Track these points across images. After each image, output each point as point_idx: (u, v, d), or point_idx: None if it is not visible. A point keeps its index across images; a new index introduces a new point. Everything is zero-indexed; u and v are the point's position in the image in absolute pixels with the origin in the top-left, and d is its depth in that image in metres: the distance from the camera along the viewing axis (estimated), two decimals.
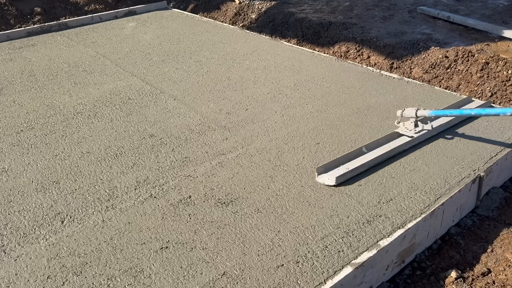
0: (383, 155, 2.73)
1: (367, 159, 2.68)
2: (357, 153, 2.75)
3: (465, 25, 5.20)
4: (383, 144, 2.84)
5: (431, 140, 2.95)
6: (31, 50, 5.01)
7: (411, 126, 2.90)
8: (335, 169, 2.62)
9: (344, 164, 2.65)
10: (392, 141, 2.87)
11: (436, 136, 2.99)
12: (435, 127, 2.96)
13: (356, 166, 2.61)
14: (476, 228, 2.57)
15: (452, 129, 3.08)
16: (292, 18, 6.09)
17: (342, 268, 1.99)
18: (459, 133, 3.01)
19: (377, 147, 2.82)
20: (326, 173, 2.60)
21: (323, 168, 2.62)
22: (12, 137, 3.18)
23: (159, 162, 2.82)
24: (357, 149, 2.76)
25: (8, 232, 2.28)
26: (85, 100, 3.70)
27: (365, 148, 2.78)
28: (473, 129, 3.06)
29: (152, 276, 1.98)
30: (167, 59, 4.54)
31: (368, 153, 2.76)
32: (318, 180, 2.58)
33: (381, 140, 2.87)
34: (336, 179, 2.53)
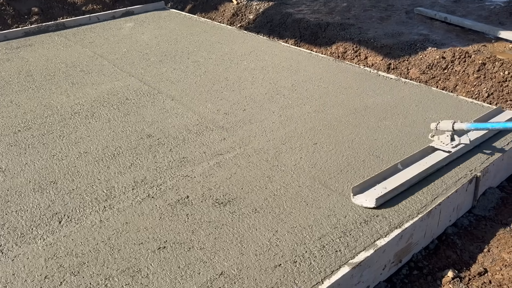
0: (421, 173, 2.55)
1: (406, 177, 2.50)
2: (392, 171, 2.58)
3: (462, 26, 5.22)
4: (419, 160, 2.67)
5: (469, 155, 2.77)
6: (29, 50, 5.00)
7: (447, 140, 2.72)
8: (372, 189, 2.44)
9: (380, 183, 2.48)
10: (427, 156, 2.70)
11: (473, 150, 2.81)
12: (472, 140, 2.76)
13: (395, 186, 2.43)
14: (473, 228, 2.58)
15: (488, 142, 2.89)
16: (289, 19, 6.10)
17: (339, 268, 2.00)
18: (497, 147, 2.84)
19: (412, 163, 2.65)
20: (362, 193, 2.43)
21: (359, 188, 2.44)
22: (10, 137, 3.17)
23: (157, 162, 2.82)
24: (392, 166, 2.59)
25: (5, 232, 2.27)
26: (82, 100, 3.70)
27: (401, 165, 2.62)
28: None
29: (149, 276, 1.98)
30: (165, 59, 4.54)
31: (404, 170, 2.59)
32: (355, 202, 2.39)
33: (416, 155, 2.70)
34: (376, 200, 2.34)
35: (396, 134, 3.04)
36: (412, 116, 3.26)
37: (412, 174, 2.54)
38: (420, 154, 2.72)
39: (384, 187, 2.45)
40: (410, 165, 2.64)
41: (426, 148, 2.76)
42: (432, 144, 2.78)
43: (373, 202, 2.34)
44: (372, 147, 2.90)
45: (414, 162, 2.67)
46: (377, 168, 2.68)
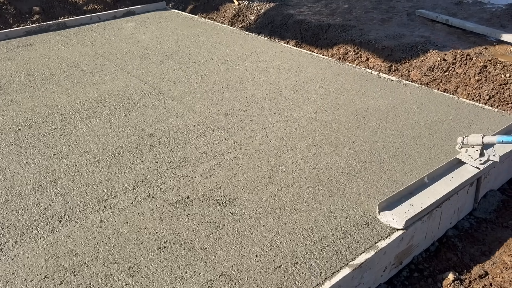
0: (450, 193, 2.43)
1: (436, 196, 2.38)
2: (419, 185, 2.47)
3: (463, 29, 5.23)
4: (446, 174, 2.55)
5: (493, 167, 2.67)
6: (30, 49, 5.00)
7: (476, 154, 2.60)
8: (400, 207, 2.31)
9: (407, 201, 2.36)
10: (455, 171, 2.58)
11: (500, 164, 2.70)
12: (502, 155, 2.67)
13: (426, 207, 2.31)
14: (474, 230, 2.58)
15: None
16: (291, 20, 6.10)
17: (340, 269, 1.99)
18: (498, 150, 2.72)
19: (439, 176, 2.54)
20: (389, 211, 2.30)
21: (385, 203, 2.31)
22: (10, 136, 3.17)
23: (158, 162, 2.82)
24: (419, 180, 2.47)
25: (5, 231, 2.27)
26: (83, 100, 3.70)
27: (427, 179, 2.51)
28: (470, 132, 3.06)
29: (150, 276, 1.97)
30: (166, 59, 4.54)
31: (432, 186, 2.47)
32: (381, 219, 2.26)
33: (443, 168, 2.58)
34: (405, 223, 2.21)
35: (397, 136, 3.04)
36: (413, 118, 3.26)
37: (442, 192, 2.41)
38: (446, 167, 2.60)
39: (411, 204, 2.32)
40: (437, 179, 2.53)
41: (453, 160, 2.65)
42: (459, 157, 2.66)
43: (402, 224, 2.21)
44: (373, 149, 2.89)
45: (441, 175, 2.55)
46: (378, 170, 2.68)
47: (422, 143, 2.95)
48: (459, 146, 2.70)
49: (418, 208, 2.30)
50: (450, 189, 2.44)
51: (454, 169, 2.61)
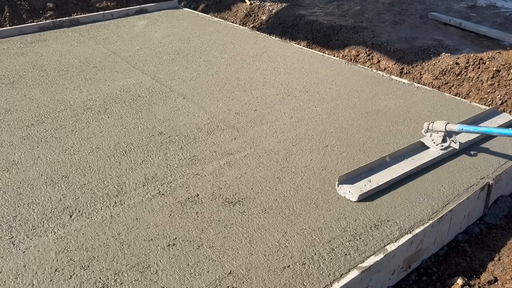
0: (407, 172, 2.59)
1: (392, 175, 2.54)
2: (380, 163, 2.62)
3: (476, 32, 5.18)
4: (407, 155, 2.71)
5: (455, 156, 2.81)
6: (43, 45, 5.05)
7: (439, 140, 2.78)
8: (357, 181, 2.50)
9: (367, 177, 2.53)
10: (417, 154, 2.73)
11: (460, 152, 2.84)
12: (463, 142, 2.83)
13: (381, 184, 2.48)
14: (484, 236, 2.56)
15: (476, 144, 2.94)
16: (302, 21, 6.09)
17: (348, 271, 1.99)
18: (488, 150, 2.87)
19: (401, 157, 2.68)
20: (348, 184, 2.48)
21: (345, 177, 2.50)
22: (23, 131, 3.20)
23: (168, 159, 2.83)
24: (380, 158, 2.64)
25: (17, 224, 2.30)
26: (95, 96, 3.73)
27: (389, 158, 2.66)
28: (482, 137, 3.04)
29: (159, 273, 1.99)
30: (177, 57, 4.56)
31: (392, 166, 2.62)
32: (338, 191, 2.48)
33: (405, 150, 2.73)
34: (359, 197, 2.41)
35: (408, 139, 3.02)
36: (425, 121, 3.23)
37: (399, 171, 2.58)
38: (409, 148, 2.76)
39: (368, 180, 2.50)
40: (398, 159, 2.67)
41: (416, 143, 2.80)
42: (423, 140, 2.82)
43: (356, 197, 2.42)
44: (384, 151, 2.88)
45: (403, 156, 2.70)
46: None
47: None
48: (425, 130, 2.85)
49: (374, 184, 2.48)
50: (408, 169, 2.58)
51: (417, 152, 2.76)
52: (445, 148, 2.76)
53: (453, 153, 2.82)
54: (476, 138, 2.94)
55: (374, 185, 2.47)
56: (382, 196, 2.47)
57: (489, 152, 2.88)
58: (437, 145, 2.77)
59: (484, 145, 2.95)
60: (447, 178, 2.62)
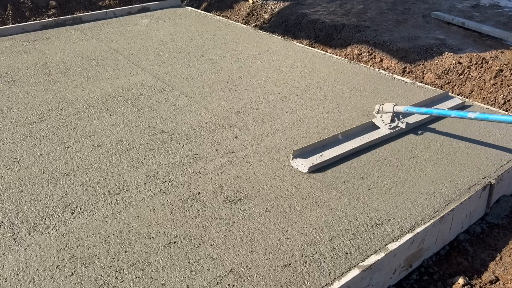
0: (356, 148, 2.83)
1: (342, 149, 2.79)
2: (332, 140, 2.86)
3: (479, 32, 5.17)
4: (359, 134, 2.94)
5: (404, 135, 3.04)
6: (45, 43, 5.05)
7: (388, 120, 3.01)
8: (310, 156, 2.73)
9: (320, 152, 2.76)
10: (367, 133, 2.96)
11: (408, 131, 3.08)
12: (411, 123, 3.07)
13: (330, 157, 2.73)
14: (485, 235, 2.56)
15: (425, 125, 3.16)
16: (305, 19, 6.09)
17: (349, 270, 1.99)
18: (435, 130, 3.10)
19: (353, 135, 2.91)
20: (301, 158, 2.70)
21: (299, 152, 2.73)
22: (25, 128, 3.21)
23: (169, 157, 2.83)
24: (333, 136, 2.87)
25: (18, 221, 2.30)
26: (97, 94, 3.73)
27: (341, 135, 2.88)
28: (484, 136, 3.04)
29: (160, 270, 1.99)
30: (180, 56, 4.56)
31: (344, 143, 2.85)
32: (292, 164, 2.70)
33: (357, 129, 2.96)
34: (309, 168, 2.65)
35: (408, 138, 3.01)
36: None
37: (349, 147, 2.82)
38: (361, 128, 2.99)
39: (320, 155, 2.73)
40: (350, 137, 2.90)
41: (368, 123, 3.03)
42: (374, 120, 3.05)
43: (306, 169, 2.65)
44: (385, 150, 2.88)
45: (354, 135, 2.92)
46: (388, 172, 2.67)
47: (432, 144, 2.93)
48: (376, 111, 3.09)
49: (325, 158, 2.71)
50: (357, 145, 2.84)
51: (368, 131, 2.99)
52: (393, 127, 2.99)
53: (401, 132, 3.05)
54: (424, 119, 3.14)
55: (324, 159, 2.70)
56: (384, 195, 2.47)
57: (491, 151, 2.87)
58: (386, 125, 3.00)
59: (485, 145, 2.94)
60: (449, 177, 2.62)
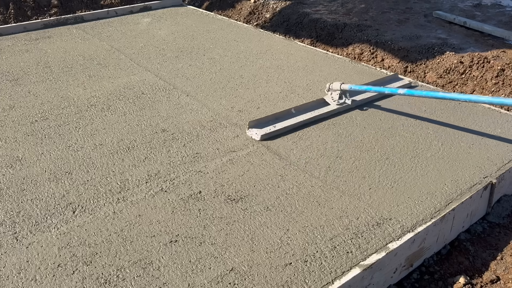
0: (305, 120, 3.16)
1: (293, 121, 3.11)
2: (286, 114, 3.18)
3: (481, 31, 5.16)
4: (311, 109, 3.26)
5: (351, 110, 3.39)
6: (47, 42, 5.06)
7: (336, 97, 3.36)
8: (264, 127, 3.05)
9: (273, 124, 3.08)
10: (318, 108, 3.29)
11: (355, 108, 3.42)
12: (358, 100, 3.43)
13: (281, 127, 3.05)
14: (486, 235, 2.56)
15: (370, 103, 3.49)
16: (306, 19, 6.08)
17: (350, 269, 1.99)
18: (381, 107, 3.44)
19: (305, 110, 3.24)
20: (256, 128, 3.04)
21: (254, 123, 3.06)
22: (27, 127, 3.22)
23: (171, 156, 2.84)
24: (286, 110, 3.19)
25: (20, 220, 2.31)
26: (99, 93, 3.74)
27: (294, 110, 3.20)
28: (486, 136, 3.04)
29: (161, 269, 1.99)
30: (181, 55, 4.56)
31: (296, 116, 3.17)
32: (247, 133, 3.04)
33: (310, 104, 3.30)
34: (261, 136, 2.98)
35: (409, 137, 3.02)
36: (425, 119, 3.23)
37: (300, 119, 3.14)
38: (312, 104, 3.33)
39: (274, 126, 3.06)
40: (302, 112, 3.22)
41: (319, 99, 3.38)
42: (325, 98, 3.41)
43: (259, 137, 2.98)
44: (384, 149, 2.88)
45: (306, 109, 3.25)
46: (389, 171, 2.67)
47: (433, 143, 2.92)
48: (327, 89, 3.42)
49: (277, 128, 3.04)
50: (307, 118, 3.16)
51: (319, 106, 3.32)
52: (341, 104, 3.35)
53: (348, 107, 3.39)
54: (370, 98, 3.49)
55: (277, 129, 3.03)
56: (385, 194, 2.47)
57: (492, 151, 2.87)
58: (335, 101, 3.36)
59: (486, 144, 2.94)
60: (450, 177, 2.62)
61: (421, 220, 2.28)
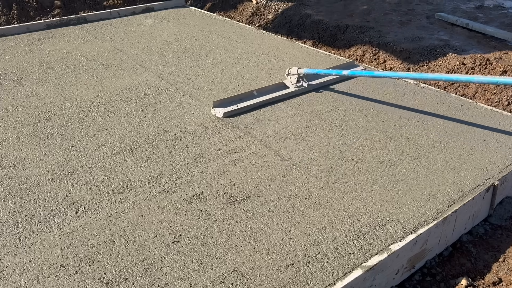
0: (266, 101, 3.49)
1: (254, 101, 3.44)
2: (248, 95, 3.51)
3: (483, 33, 5.16)
4: (271, 91, 3.60)
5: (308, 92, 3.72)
6: (50, 42, 5.08)
7: (294, 81, 3.70)
8: (228, 106, 3.35)
9: (236, 104, 3.38)
10: (278, 91, 3.62)
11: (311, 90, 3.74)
12: (314, 84, 3.76)
13: (243, 106, 3.37)
14: (488, 237, 2.55)
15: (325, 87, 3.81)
16: (308, 20, 6.09)
17: (352, 270, 1.99)
18: (334, 89, 3.78)
19: (266, 92, 3.58)
20: (220, 107, 3.34)
21: (218, 103, 3.38)
22: (29, 127, 3.23)
23: (173, 157, 2.84)
24: (249, 91, 3.54)
25: (23, 220, 2.32)
26: (101, 94, 3.75)
27: (256, 92, 3.53)
28: (488, 138, 3.04)
29: (163, 269, 2.00)
30: (183, 56, 4.57)
31: (257, 98, 3.49)
32: (212, 112, 3.35)
33: (270, 87, 3.63)
34: (224, 114, 3.29)
35: (411, 138, 3.02)
36: (427, 120, 3.24)
37: (260, 100, 3.47)
38: (273, 86, 3.67)
39: (236, 105, 3.37)
40: (263, 94, 3.56)
41: (279, 83, 3.73)
42: (284, 81, 3.74)
43: (221, 114, 3.29)
44: (386, 150, 2.88)
45: (267, 92, 3.60)
46: (391, 172, 2.67)
47: (435, 145, 2.92)
48: (286, 74, 3.74)
49: (239, 107, 3.36)
50: (267, 98, 3.51)
51: (279, 89, 3.66)
52: (298, 86, 3.68)
53: (305, 90, 3.71)
54: (326, 82, 3.81)
55: (239, 107, 3.35)
56: (387, 196, 2.47)
57: (494, 153, 2.87)
58: (293, 85, 3.69)
59: (488, 146, 2.94)
60: (452, 178, 2.62)
61: (423, 221, 2.28)
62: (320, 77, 3.82)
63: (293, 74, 3.68)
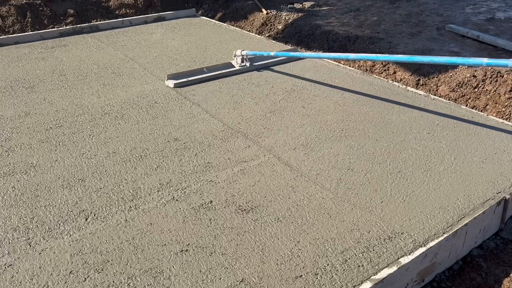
0: (213, 75, 4.20)
1: (203, 76, 4.16)
2: (199, 71, 4.24)
3: (494, 45, 5.14)
4: (219, 69, 4.30)
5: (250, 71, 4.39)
6: (63, 50, 5.15)
7: (240, 61, 4.39)
8: (181, 78, 4.06)
9: (188, 77, 4.11)
10: (225, 69, 4.32)
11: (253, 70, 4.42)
12: (256, 64, 4.45)
13: (192, 79, 4.08)
14: (499, 251, 2.52)
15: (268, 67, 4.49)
16: (318, 30, 6.11)
17: (361, 283, 1.98)
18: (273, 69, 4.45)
19: (214, 69, 4.28)
20: (173, 79, 4.05)
21: (172, 76, 4.10)
22: (41, 134, 3.27)
23: (182, 165, 2.86)
24: (199, 68, 4.27)
25: (34, 226, 2.34)
26: (113, 102, 3.79)
27: (206, 69, 4.25)
28: (499, 151, 3.01)
29: (171, 278, 2.00)
30: (194, 65, 4.61)
31: (207, 73, 4.20)
32: (165, 83, 4.07)
33: (219, 66, 4.34)
34: (174, 84, 4.00)
35: (421, 150, 3.00)
36: (438, 132, 3.22)
37: (208, 75, 4.19)
38: (222, 65, 4.37)
39: (187, 78, 4.08)
40: (212, 70, 4.27)
41: (227, 63, 4.43)
42: (231, 62, 4.43)
43: (172, 84, 4.01)
44: (395, 162, 2.87)
45: (216, 69, 4.30)
46: (401, 184, 2.66)
47: (446, 157, 2.91)
48: (234, 55, 4.41)
49: (190, 79, 4.09)
50: (214, 74, 4.24)
51: (226, 68, 4.36)
52: (242, 66, 4.38)
53: (247, 70, 4.40)
54: (267, 63, 4.52)
55: (189, 79, 4.06)
56: (397, 208, 2.45)
57: (506, 166, 2.84)
58: (238, 64, 4.39)
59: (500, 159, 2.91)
60: (462, 191, 2.60)
61: (433, 234, 2.26)
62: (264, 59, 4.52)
63: (238, 55, 4.36)
